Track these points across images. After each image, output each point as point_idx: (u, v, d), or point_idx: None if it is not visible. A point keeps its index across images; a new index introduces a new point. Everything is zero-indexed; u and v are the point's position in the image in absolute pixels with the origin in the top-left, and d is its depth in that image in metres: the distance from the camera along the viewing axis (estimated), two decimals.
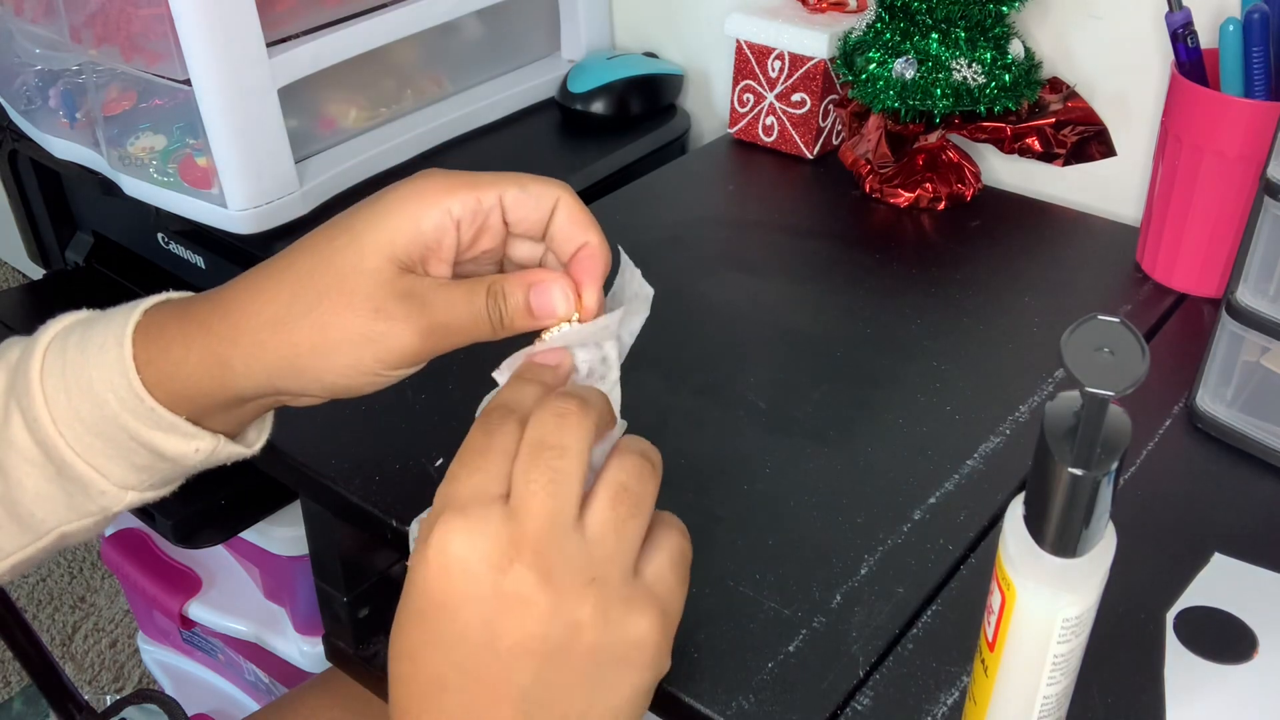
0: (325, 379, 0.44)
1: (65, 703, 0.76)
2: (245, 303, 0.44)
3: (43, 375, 0.46)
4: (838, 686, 0.46)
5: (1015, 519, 0.36)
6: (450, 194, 0.43)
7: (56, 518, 0.48)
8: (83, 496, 0.48)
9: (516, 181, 0.44)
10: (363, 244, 0.42)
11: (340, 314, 0.42)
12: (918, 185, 0.81)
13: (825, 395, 0.63)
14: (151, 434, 0.45)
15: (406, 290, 0.42)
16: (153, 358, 0.45)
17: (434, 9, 0.84)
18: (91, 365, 0.45)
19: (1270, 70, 0.64)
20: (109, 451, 0.46)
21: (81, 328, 0.47)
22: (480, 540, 0.36)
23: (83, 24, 0.75)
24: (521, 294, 0.43)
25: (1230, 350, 0.58)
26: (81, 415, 0.45)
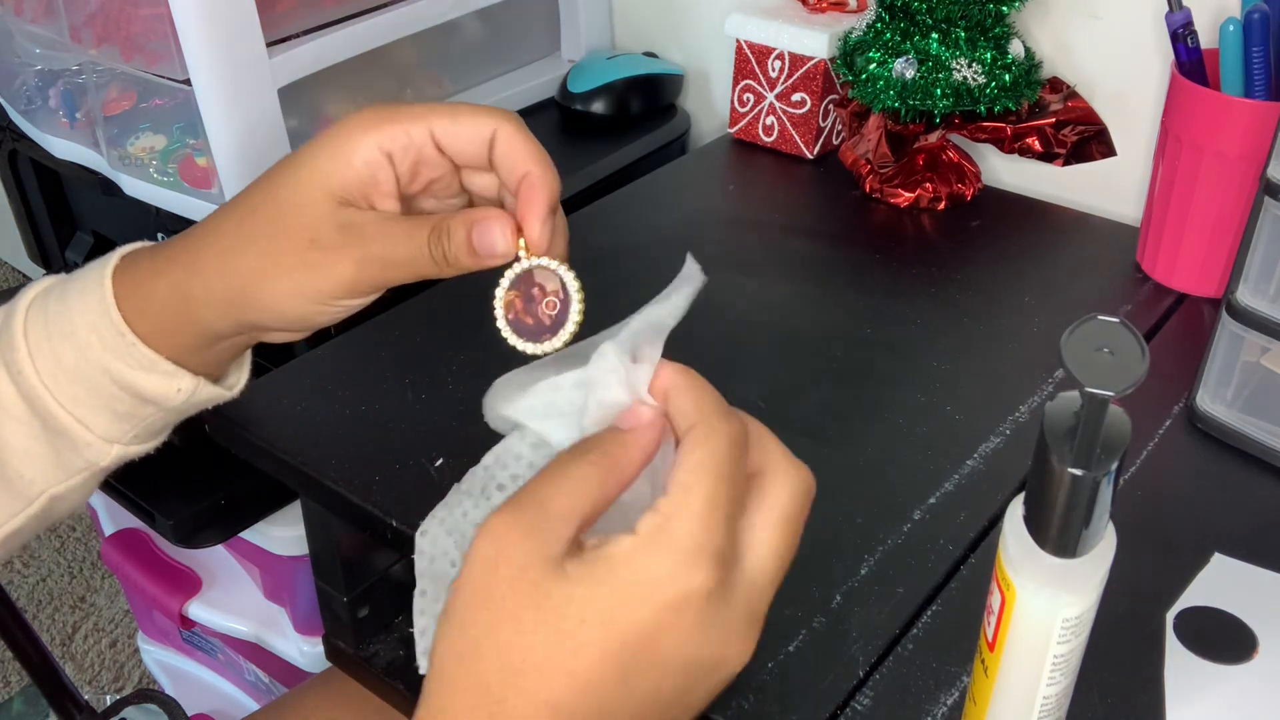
0: (275, 306, 0.45)
1: (65, 703, 0.76)
2: (202, 235, 0.46)
3: (26, 329, 0.47)
4: (838, 686, 0.46)
5: (1015, 519, 0.36)
6: (377, 128, 0.43)
7: (45, 478, 0.49)
8: (70, 451, 0.49)
9: (449, 112, 0.44)
10: (299, 180, 0.44)
11: (280, 242, 0.44)
12: (918, 185, 0.81)
13: (825, 395, 0.63)
14: (133, 374, 0.47)
15: (345, 222, 0.43)
16: (129, 293, 0.47)
17: (434, 9, 0.84)
18: (74, 311, 0.47)
19: (1270, 70, 0.64)
20: (91, 401, 0.47)
21: (62, 283, 0.48)
22: (720, 609, 0.35)
23: (83, 24, 0.75)
24: (463, 232, 0.43)
25: (1230, 350, 0.58)
26: (64, 363, 0.47)
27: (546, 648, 0.34)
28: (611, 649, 0.34)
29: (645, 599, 0.34)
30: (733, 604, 0.35)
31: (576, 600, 0.34)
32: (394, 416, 0.61)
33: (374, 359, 0.65)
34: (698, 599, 0.34)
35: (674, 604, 0.34)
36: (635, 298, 0.48)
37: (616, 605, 0.34)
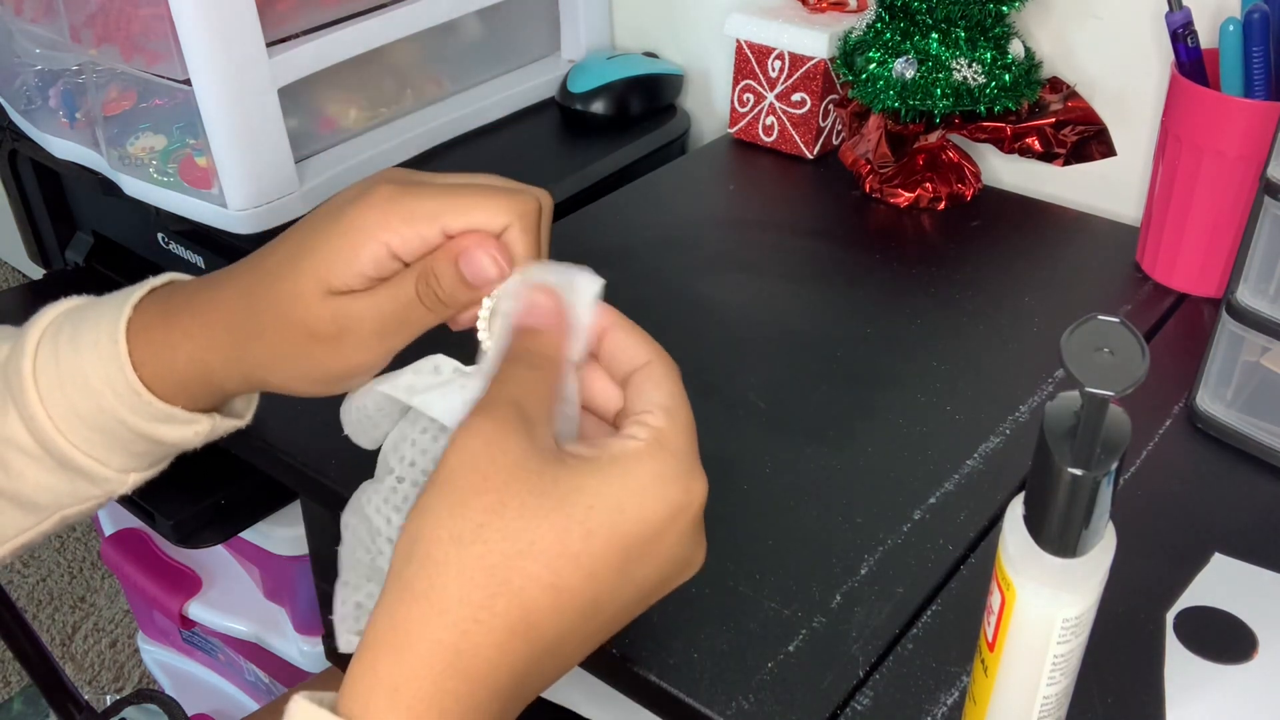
0: (289, 387, 0.46)
1: (65, 703, 0.76)
2: (216, 314, 0.46)
3: (36, 373, 0.47)
4: (838, 686, 0.46)
5: (1015, 519, 0.36)
6: (387, 228, 0.42)
7: (58, 503, 0.50)
8: (85, 483, 0.49)
9: (463, 209, 0.42)
10: (299, 270, 0.43)
11: (282, 334, 0.44)
12: (918, 185, 0.81)
13: (825, 395, 0.63)
14: (150, 425, 0.47)
15: (335, 312, 0.43)
16: (146, 359, 0.46)
17: (434, 9, 0.84)
18: (86, 362, 0.46)
19: (1270, 70, 0.64)
20: (108, 443, 0.47)
21: (71, 322, 0.48)
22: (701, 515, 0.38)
23: (83, 24, 0.75)
24: (451, 270, 0.42)
25: (1230, 350, 0.58)
26: (79, 411, 0.46)
27: (555, 532, 0.35)
28: (617, 538, 0.35)
29: (655, 495, 0.36)
30: (701, 523, 0.38)
31: (586, 490, 0.35)
32: None
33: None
34: (697, 505, 0.37)
35: (679, 503, 0.36)
36: (635, 298, 0.48)
37: (627, 498, 0.36)
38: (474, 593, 0.34)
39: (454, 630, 0.34)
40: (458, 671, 0.34)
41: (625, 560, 0.36)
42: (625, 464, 0.36)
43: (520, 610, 0.34)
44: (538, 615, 0.35)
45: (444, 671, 0.34)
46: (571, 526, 0.35)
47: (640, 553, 0.36)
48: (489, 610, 0.34)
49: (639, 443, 0.37)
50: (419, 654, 0.34)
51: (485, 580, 0.34)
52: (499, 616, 0.34)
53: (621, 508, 0.35)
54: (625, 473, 0.36)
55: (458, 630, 0.34)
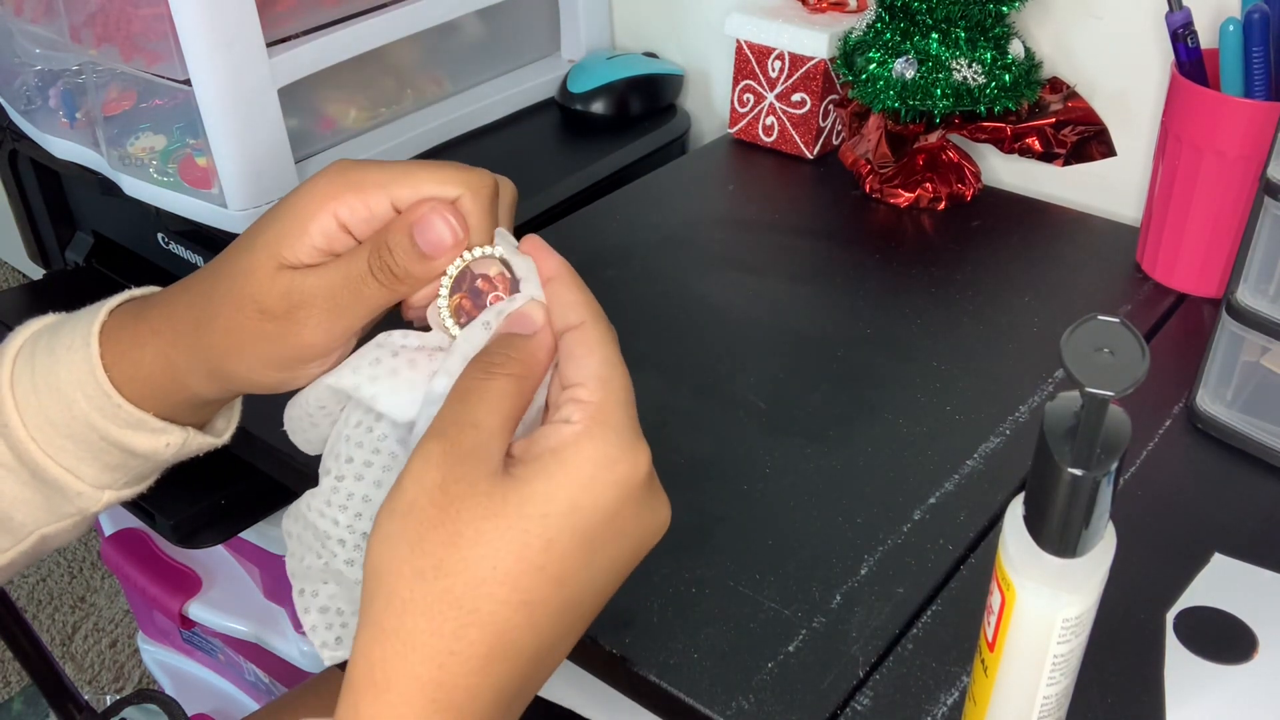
0: (250, 377, 0.44)
1: (65, 703, 0.76)
2: (177, 307, 0.45)
3: (13, 381, 0.46)
4: (838, 686, 0.46)
5: (1015, 519, 0.36)
6: (335, 198, 0.41)
7: (35, 520, 0.49)
8: (60, 498, 0.48)
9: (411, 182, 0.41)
10: (254, 247, 0.42)
11: (236, 316, 0.42)
12: (918, 185, 0.81)
13: (825, 395, 0.63)
14: (121, 432, 0.46)
15: (286, 287, 0.42)
16: (116, 360, 0.45)
17: (434, 9, 0.84)
18: (60, 366, 0.46)
19: (1270, 70, 0.64)
20: (80, 453, 0.47)
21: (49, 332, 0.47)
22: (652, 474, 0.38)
23: (83, 24, 0.75)
24: (405, 238, 0.40)
25: (1230, 350, 0.58)
26: (52, 418, 0.46)
27: (514, 551, 0.34)
28: (578, 537, 0.35)
29: (604, 481, 0.35)
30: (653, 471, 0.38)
31: (536, 497, 0.35)
32: None
33: None
34: (644, 472, 0.36)
35: (628, 480, 0.36)
36: (635, 298, 0.48)
37: (577, 491, 0.35)
38: (444, 626, 0.34)
39: (430, 665, 0.34)
40: (440, 704, 0.34)
41: (590, 553, 0.36)
42: (567, 456, 0.35)
43: (494, 635, 0.34)
44: (514, 634, 0.34)
45: (426, 706, 0.34)
46: (530, 541, 0.34)
47: (603, 539, 0.36)
48: (463, 641, 0.34)
49: (575, 427, 0.36)
50: (399, 692, 0.34)
51: (454, 613, 0.34)
52: (474, 645, 0.34)
53: (575, 506, 0.35)
54: (570, 466, 0.35)
55: (434, 664, 0.34)
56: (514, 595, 0.34)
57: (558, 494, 0.35)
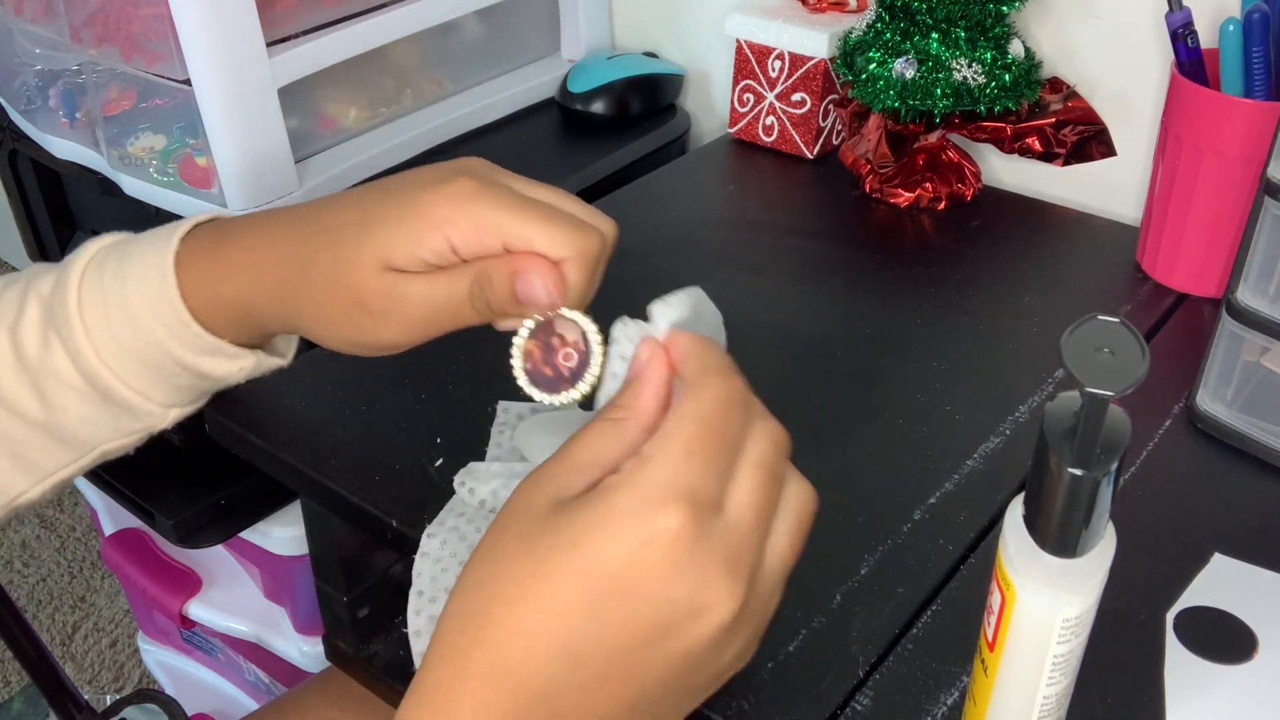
0: (327, 342, 0.47)
1: (65, 703, 0.76)
2: (267, 256, 0.46)
3: (81, 306, 0.48)
4: (838, 686, 0.46)
5: (1015, 519, 0.36)
6: (454, 226, 0.42)
7: (99, 437, 0.51)
8: (127, 418, 0.50)
9: (525, 235, 0.42)
10: (363, 239, 0.43)
11: (330, 296, 0.44)
12: (918, 185, 0.81)
13: (825, 395, 0.63)
14: (197, 358, 0.48)
15: (389, 288, 0.43)
16: (194, 289, 0.47)
17: (434, 9, 0.84)
18: (133, 295, 0.47)
19: (1270, 70, 0.64)
20: (152, 376, 0.49)
21: (115, 257, 0.48)
22: (694, 549, 0.34)
23: (83, 24, 0.75)
24: (507, 283, 0.42)
25: (1230, 350, 0.58)
26: (124, 345, 0.47)
27: (520, 576, 0.34)
28: (577, 575, 0.34)
29: (614, 531, 0.34)
30: (709, 547, 0.34)
31: (551, 530, 0.35)
32: (394, 416, 0.61)
33: (374, 359, 0.65)
34: (666, 536, 0.34)
35: (642, 538, 0.34)
36: (635, 298, 0.48)
37: (584, 533, 0.34)
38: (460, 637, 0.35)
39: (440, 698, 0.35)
40: None
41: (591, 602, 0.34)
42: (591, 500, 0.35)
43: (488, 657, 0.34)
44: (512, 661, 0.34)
45: None
46: (535, 568, 0.34)
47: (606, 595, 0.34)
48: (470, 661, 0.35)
49: (615, 476, 0.35)
50: None
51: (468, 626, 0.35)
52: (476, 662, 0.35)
53: (577, 543, 0.34)
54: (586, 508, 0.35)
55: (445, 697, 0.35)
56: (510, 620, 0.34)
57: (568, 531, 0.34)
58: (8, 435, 0.50)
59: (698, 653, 0.35)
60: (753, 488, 0.36)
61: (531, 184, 0.45)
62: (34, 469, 0.51)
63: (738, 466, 0.36)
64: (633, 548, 0.34)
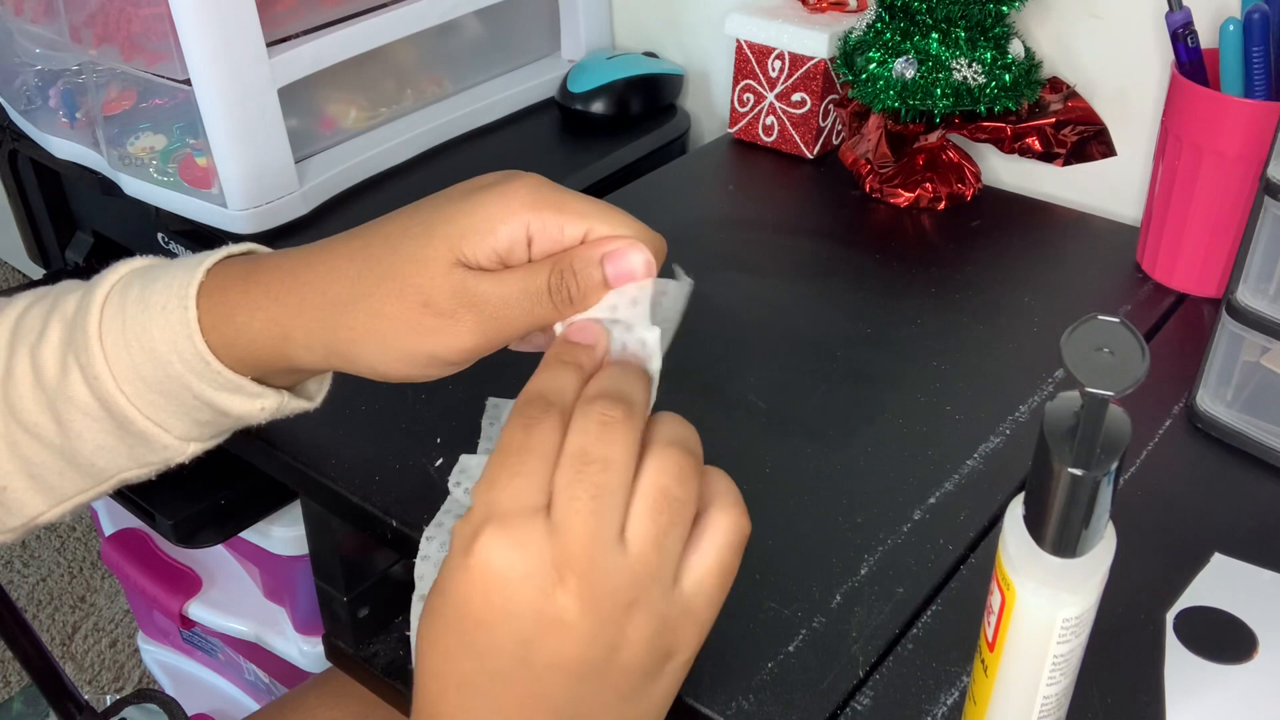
0: (379, 367, 0.43)
1: (65, 703, 0.76)
2: (314, 276, 0.44)
3: (101, 332, 0.46)
4: (838, 686, 0.46)
5: (1015, 519, 0.36)
6: (535, 210, 0.41)
7: (117, 466, 0.49)
8: (144, 449, 0.48)
9: (610, 222, 0.42)
10: (432, 234, 0.41)
11: (393, 303, 0.41)
12: (918, 185, 0.81)
13: (825, 395, 0.63)
14: (216, 395, 0.46)
15: (459, 285, 0.41)
16: (217, 322, 0.45)
17: (434, 9, 0.84)
18: (154, 325, 0.45)
19: (1270, 70, 0.64)
20: (172, 408, 0.47)
21: (140, 282, 0.47)
22: (522, 558, 0.34)
23: (83, 24, 0.75)
24: (596, 269, 0.41)
25: (1230, 350, 0.58)
26: (143, 374, 0.45)
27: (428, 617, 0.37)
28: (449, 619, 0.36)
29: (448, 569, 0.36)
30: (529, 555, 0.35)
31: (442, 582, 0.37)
32: (394, 416, 0.61)
33: None
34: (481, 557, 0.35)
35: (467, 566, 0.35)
36: None
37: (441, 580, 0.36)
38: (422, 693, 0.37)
39: None
40: None
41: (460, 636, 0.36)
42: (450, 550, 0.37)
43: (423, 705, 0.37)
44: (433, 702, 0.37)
45: None
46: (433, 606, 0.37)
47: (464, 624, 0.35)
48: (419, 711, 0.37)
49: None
50: None
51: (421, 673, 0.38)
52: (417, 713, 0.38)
53: (441, 590, 0.36)
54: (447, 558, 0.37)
55: None
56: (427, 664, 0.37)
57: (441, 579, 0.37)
58: (27, 457, 0.49)
59: (586, 665, 0.35)
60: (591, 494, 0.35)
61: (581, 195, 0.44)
62: (52, 491, 0.50)
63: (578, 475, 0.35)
64: (463, 578, 0.35)
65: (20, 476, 0.49)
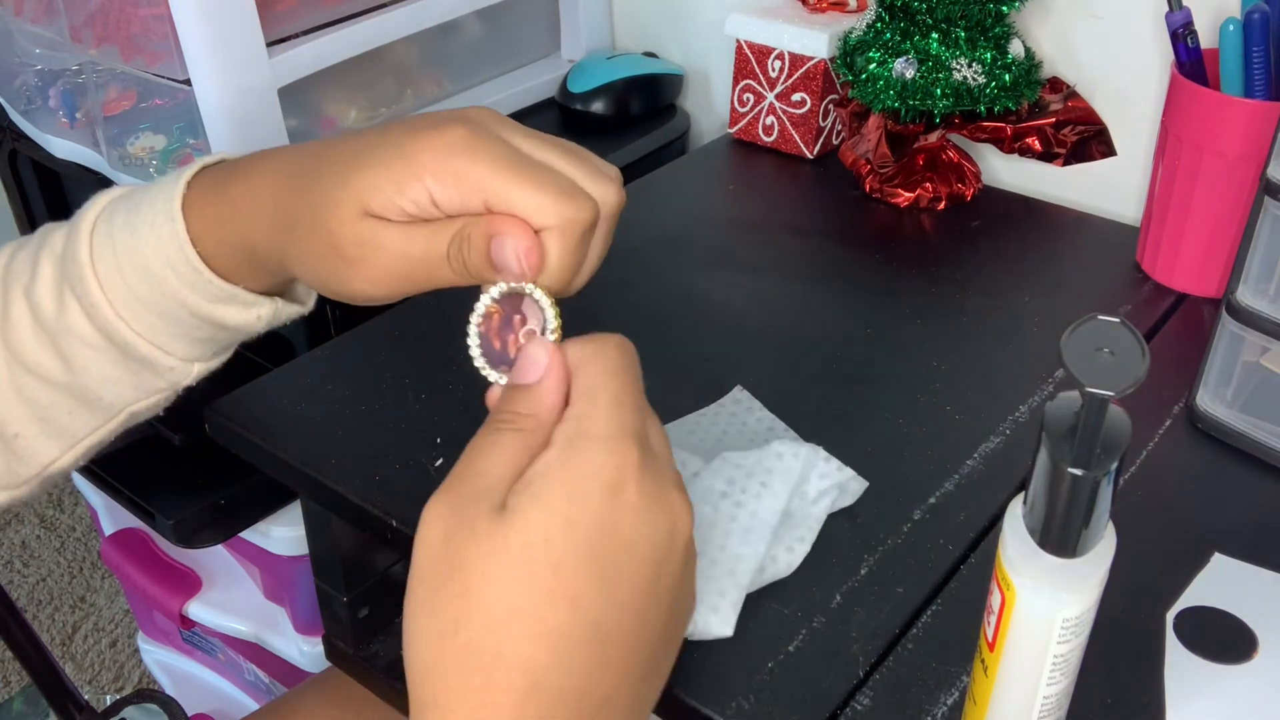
0: (316, 287, 0.44)
1: (65, 703, 0.76)
2: (260, 191, 0.44)
3: (94, 260, 0.46)
4: (838, 686, 0.46)
5: (1015, 519, 0.36)
6: (435, 177, 0.39)
7: (125, 398, 0.49)
8: (150, 374, 0.48)
9: (507, 197, 0.39)
10: (346, 182, 0.41)
11: (309, 239, 0.42)
12: (918, 185, 0.81)
13: (825, 395, 0.63)
14: (213, 307, 0.46)
15: (366, 235, 0.40)
16: (202, 234, 0.45)
17: (434, 9, 0.84)
18: (144, 244, 0.45)
19: (1270, 70, 0.64)
20: (171, 330, 0.47)
21: (125, 207, 0.47)
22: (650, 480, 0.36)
23: (83, 24, 0.75)
24: (483, 243, 0.39)
25: (1230, 350, 0.58)
26: (140, 296, 0.46)
27: (524, 582, 0.34)
28: (583, 553, 0.34)
29: (591, 492, 0.34)
30: (660, 472, 0.36)
31: (532, 525, 0.34)
32: (394, 416, 0.61)
33: (374, 359, 0.65)
34: (634, 473, 0.35)
35: (615, 485, 0.35)
36: (635, 298, 0.48)
37: (572, 510, 0.34)
38: (473, 679, 0.34)
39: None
40: None
41: (601, 569, 0.34)
42: (553, 476, 0.35)
43: (522, 674, 0.33)
44: (540, 672, 0.33)
45: None
46: (536, 570, 0.34)
47: (611, 554, 0.34)
48: (494, 689, 0.33)
49: (555, 449, 0.36)
50: None
51: (479, 662, 0.34)
52: (505, 690, 0.33)
53: (572, 522, 0.34)
54: (557, 485, 0.35)
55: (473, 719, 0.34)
56: (533, 628, 0.33)
57: (553, 516, 0.34)
58: (34, 400, 0.49)
59: (680, 578, 0.36)
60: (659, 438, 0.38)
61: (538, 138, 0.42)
62: (63, 434, 0.50)
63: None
64: (611, 498, 0.35)
65: (30, 422, 0.49)
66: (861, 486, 0.54)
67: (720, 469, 0.52)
